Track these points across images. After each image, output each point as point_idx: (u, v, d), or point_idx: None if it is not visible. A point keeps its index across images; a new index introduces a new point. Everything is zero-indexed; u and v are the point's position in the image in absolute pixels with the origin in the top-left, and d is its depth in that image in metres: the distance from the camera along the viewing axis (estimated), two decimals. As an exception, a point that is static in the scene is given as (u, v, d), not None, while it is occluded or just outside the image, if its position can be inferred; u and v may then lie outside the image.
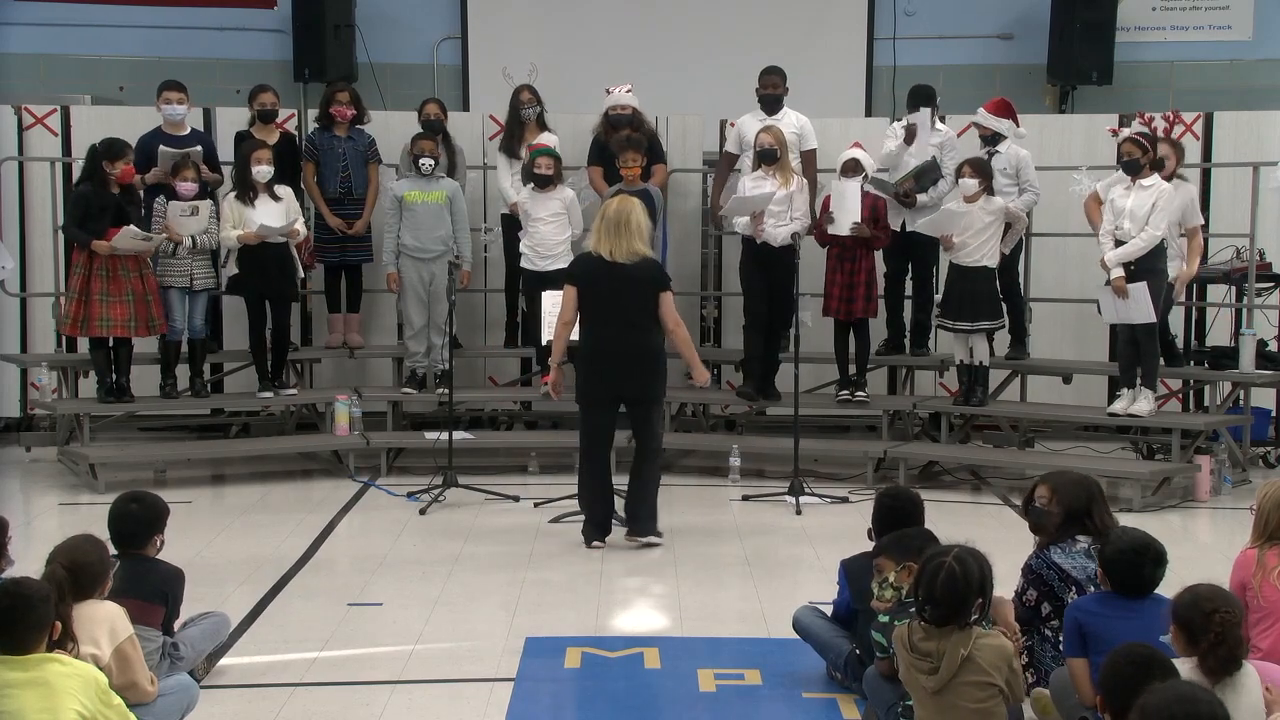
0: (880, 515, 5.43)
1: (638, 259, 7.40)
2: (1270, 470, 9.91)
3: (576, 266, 7.83)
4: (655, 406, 7.73)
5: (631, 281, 7.40)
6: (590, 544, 7.61)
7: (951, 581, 4.30)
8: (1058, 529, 5.12)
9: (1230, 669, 3.97)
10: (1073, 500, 5.13)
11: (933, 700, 4.34)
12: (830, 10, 12.52)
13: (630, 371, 7.50)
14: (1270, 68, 12.07)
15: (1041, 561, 5.08)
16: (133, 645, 4.54)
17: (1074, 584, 4.98)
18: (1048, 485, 5.24)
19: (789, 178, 9.28)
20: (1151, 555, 4.63)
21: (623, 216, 7.42)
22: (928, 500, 5.69)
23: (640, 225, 7.44)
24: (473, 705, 5.27)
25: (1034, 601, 5.06)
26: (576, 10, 12.44)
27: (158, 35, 12.15)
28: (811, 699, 5.34)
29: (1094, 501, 5.14)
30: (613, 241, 7.40)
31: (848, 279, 9.38)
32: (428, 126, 9.94)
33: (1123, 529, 4.88)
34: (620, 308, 7.42)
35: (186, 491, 9.02)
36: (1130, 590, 4.60)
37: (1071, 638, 4.60)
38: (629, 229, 7.39)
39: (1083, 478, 5.28)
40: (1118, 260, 8.70)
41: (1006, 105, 9.65)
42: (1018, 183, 9.53)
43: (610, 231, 7.42)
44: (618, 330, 7.44)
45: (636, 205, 7.55)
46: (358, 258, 10.26)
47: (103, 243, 8.94)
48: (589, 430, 7.71)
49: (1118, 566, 4.64)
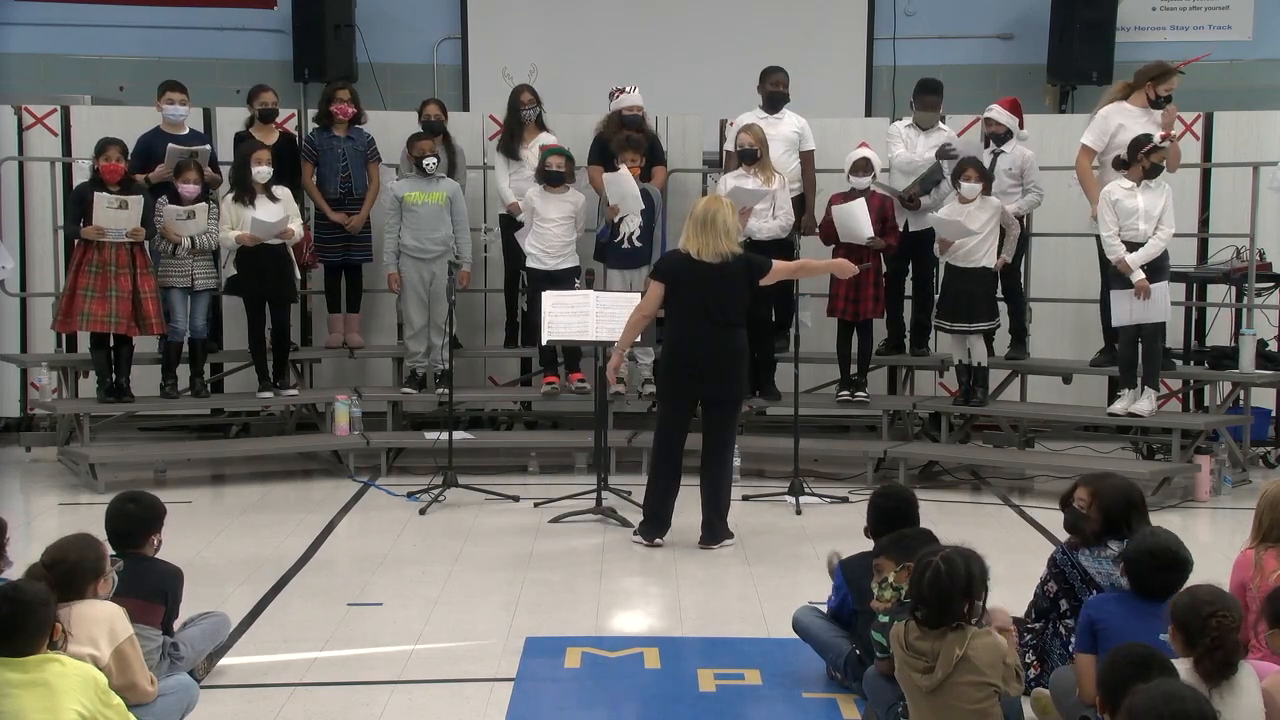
0: (876, 515, 5.43)
1: (725, 257, 7.40)
2: (1270, 470, 9.91)
3: (664, 263, 7.82)
4: (732, 409, 7.71)
5: (718, 280, 7.40)
6: (651, 542, 7.60)
7: (937, 581, 4.30)
8: (1093, 534, 5.08)
9: (1226, 673, 3.97)
10: (1111, 506, 5.05)
11: (928, 700, 4.33)
12: (830, 10, 12.52)
13: (710, 372, 7.49)
14: (1270, 68, 12.07)
15: (1067, 559, 5.08)
16: (132, 646, 4.53)
17: (1095, 588, 4.98)
18: (1088, 489, 5.12)
19: (770, 176, 9.31)
20: (1171, 561, 4.58)
21: (709, 215, 7.43)
22: (928, 500, 5.71)
23: (728, 224, 7.43)
24: (473, 705, 5.27)
25: (1053, 594, 5.06)
26: (576, 10, 12.45)
27: (158, 35, 12.15)
28: (811, 699, 5.34)
29: (1134, 510, 5.05)
30: (700, 240, 7.42)
31: (855, 279, 9.36)
32: (428, 127, 9.94)
33: (1154, 530, 4.83)
34: (705, 306, 7.41)
35: (186, 491, 9.02)
36: (1146, 593, 4.57)
37: (1084, 634, 4.59)
38: (715, 228, 7.39)
39: (1126, 485, 5.16)
40: (1140, 261, 8.68)
41: (1017, 105, 9.65)
42: (1022, 183, 9.52)
43: (698, 230, 7.44)
44: (701, 330, 7.44)
45: (724, 204, 7.57)
46: (360, 257, 10.26)
47: (89, 227, 8.95)
48: (665, 427, 7.69)
49: (1137, 567, 4.62)
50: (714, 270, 7.36)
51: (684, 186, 10.92)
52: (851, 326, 9.58)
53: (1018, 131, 9.54)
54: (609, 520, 8.09)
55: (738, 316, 7.48)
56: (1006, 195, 9.41)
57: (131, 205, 9.02)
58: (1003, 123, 9.49)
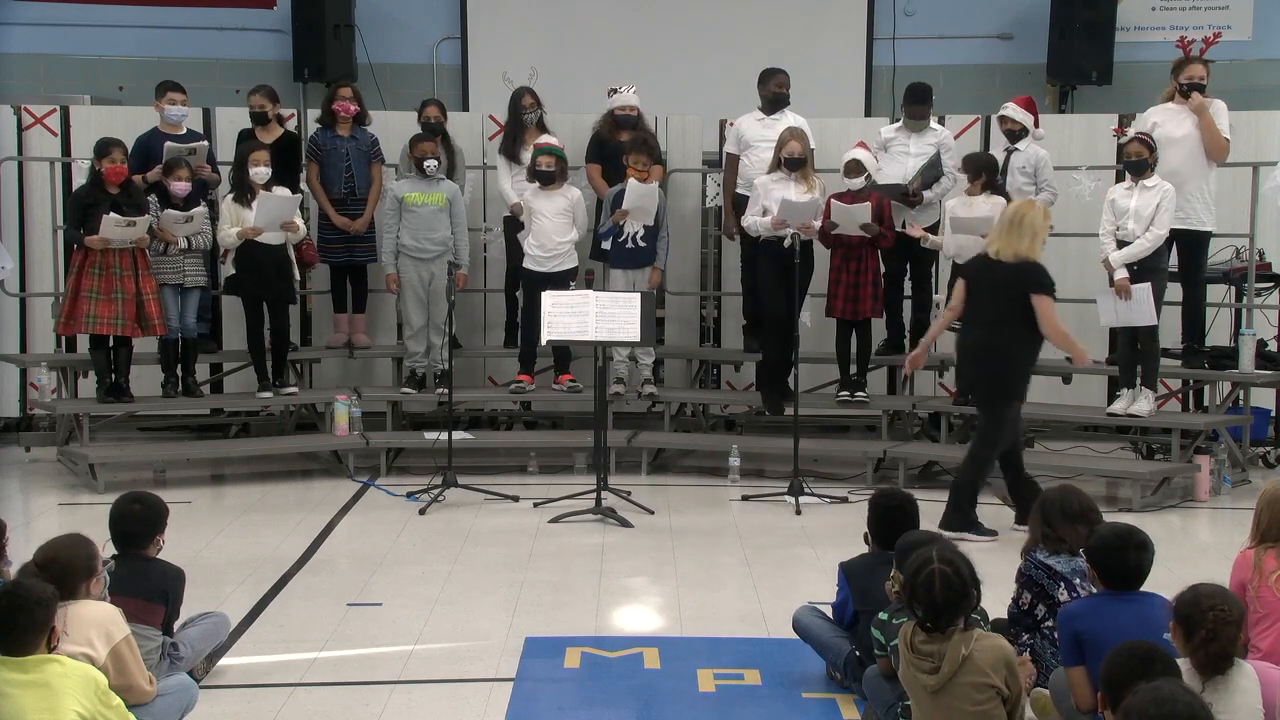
0: (877, 517, 5.43)
1: (1018, 259, 7.52)
2: (1270, 470, 9.91)
3: (970, 263, 8.03)
4: (993, 406, 7.80)
5: (1004, 280, 7.57)
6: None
7: (947, 587, 4.30)
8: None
9: (1221, 666, 3.96)
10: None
11: (931, 701, 4.33)
12: (830, 10, 12.53)
13: (974, 367, 7.85)
14: (1270, 68, 12.08)
15: (1029, 563, 5.13)
16: (129, 646, 4.52)
17: (1062, 579, 5.02)
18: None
19: (812, 184, 9.28)
20: (1135, 542, 4.63)
21: (1018, 216, 7.61)
22: (928, 500, 5.71)
23: (1034, 226, 7.56)
24: (472, 705, 5.27)
25: (1029, 605, 5.08)
26: (576, 10, 12.45)
27: (157, 35, 12.16)
28: (811, 699, 5.34)
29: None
30: (1002, 240, 7.59)
31: (853, 279, 9.36)
32: (427, 128, 9.95)
33: (1106, 523, 4.91)
34: (988, 305, 7.64)
35: (186, 491, 9.02)
36: (1119, 582, 4.60)
37: (1068, 647, 4.59)
38: (1020, 228, 7.54)
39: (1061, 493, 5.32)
40: (1122, 260, 8.70)
41: (1032, 103, 9.62)
42: (1035, 182, 9.51)
43: (1004, 230, 7.62)
44: (980, 327, 7.71)
45: (1036, 206, 7.76)
46: (364, 257, 10.25)
47: (94, 237, 8.95)
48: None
49: (1102, 556, 4.66)
50: (1004, 270, 7.56)
51: (684, 186, 10.92)
52: (850, 326, 9.58)
53: (1033, 130, 9.51)
54: (609, 520, 8.09)
55: (1010, 316, 7.58)
56: (1021, 194, 9.40)
57: (139, 223, 9.04)
58: (1019, 120, 9.45)
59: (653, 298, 8.85)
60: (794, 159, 9.24)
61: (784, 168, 9.27)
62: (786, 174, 9.26)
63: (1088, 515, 5.10)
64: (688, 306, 11.10)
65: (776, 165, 9.34)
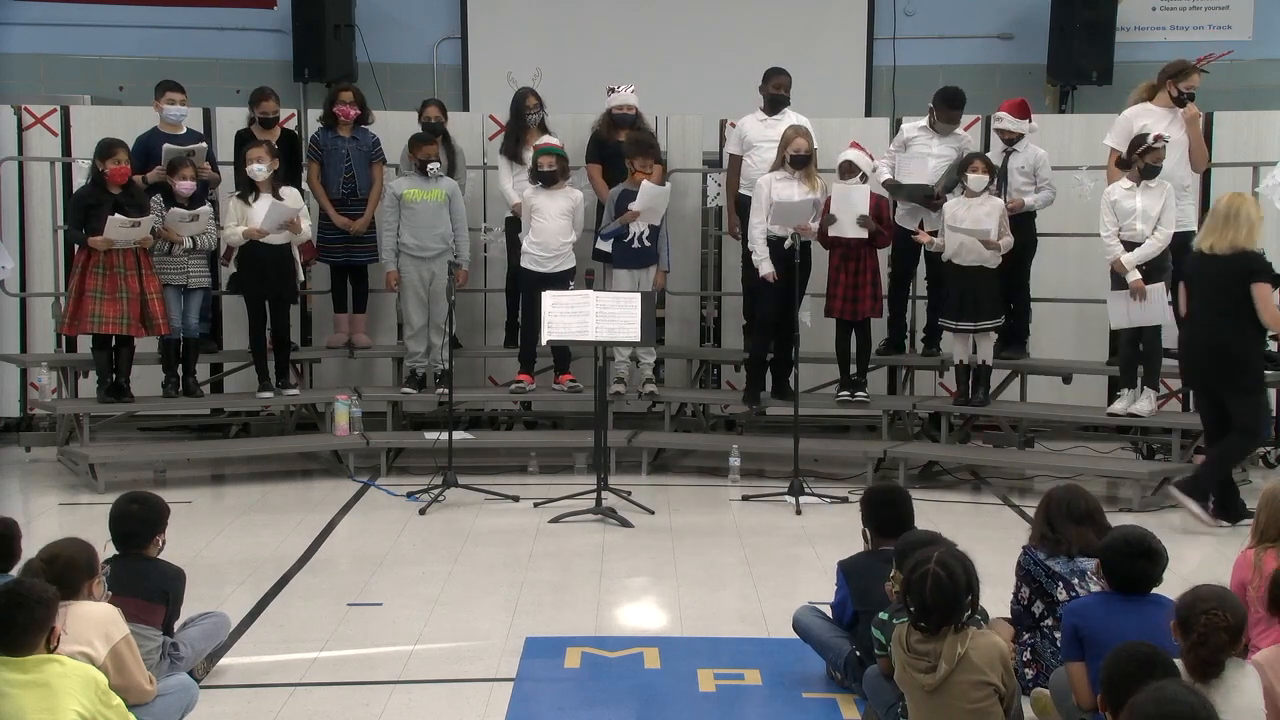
0: (872, 513, 5.43)
1: (1233, 250, 7.57)
2: (1270, 470, 9.90)
3: (1186, 264, 8.14)
4: (1238, 396, 7.85)
5: (1220, 273, 7.62)
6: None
7: (940, 587, 4.30)
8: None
9: (1211, 670, 3.94)
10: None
11: (928, 700, 4.33)
12: (830, 10, 12.53)
13: (1206, 362, 7.87)
14: (1270, 68, 12.08)
15: (1029, 558, 5.15)
16: (128, 646, 4.52)
17: (1060, 579, 5.03)
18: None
19: (815, 183, 9.27)
20: (1144, 550, 4.62)
21: (1233, 209, 7.66)
22: (928, 500, 5.70)
23: (1250, 218, 7.63)
24: (473, 705, 5.27)
25: (1027, 599, 5.09)
26: (576, 10, 12.45)
27: (157, 35, 12.16)
28: (811, 699, 5.34)
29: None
30: (1216, 235, 7.64)
31: (852, 279, 9.34)
32: (428, 128, 9.94)
33: (1121, 526, 4.89)
34: (1208, 299, 7.71)
35: (186, 491, 9.01)
36: (1126, 587, 4.60)
37: (1069, 641, 4.60)
38: (1236, 221, 7.60)
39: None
40: (1136, 262, 8.67)
41: (1024, 105, 9.60)
42: (1034, 181, 9.50)
43: (1218, 224, 7.67)
44: (1202, 322, 7.77)
45: (1248, 200, 7.80)
46: (363, 257, 10.25)
47: (98, 238, 8.95)
48: (1200, 413, 8.22)
49: (1111, 560, 4.66)
50: (1220, 263, 7.61)
51: (684, 186, 10.92)
52: (850, 326, 9.57)
53: (1028, 132, 9.51)
54: (609, 520, 8.09)
55: (1233, 309, 7.64)
56: (1021, 194, 9.40)
57: (144, 224, 9.03)
58: (1013, 130, 9.48)
59: (653, 298, 8.85)
60: (800, 156, 9.23)
61: (789, 165, 9.26)
62: (790, 172, 9.26)
63: (1093, 517, 5.10)
64: (688, 306, 11.10)
65: (780, 164, 9.34)
